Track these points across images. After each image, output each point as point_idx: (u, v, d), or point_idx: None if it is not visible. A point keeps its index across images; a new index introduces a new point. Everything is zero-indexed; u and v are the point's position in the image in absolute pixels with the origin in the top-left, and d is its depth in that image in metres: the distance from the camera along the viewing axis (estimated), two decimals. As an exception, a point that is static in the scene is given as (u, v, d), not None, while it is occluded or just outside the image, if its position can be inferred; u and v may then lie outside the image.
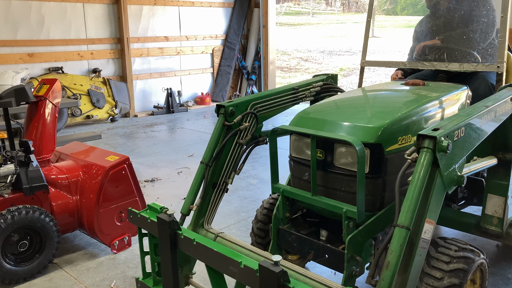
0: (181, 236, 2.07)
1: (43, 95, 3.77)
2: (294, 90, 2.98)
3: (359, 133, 2.15)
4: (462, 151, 1.97)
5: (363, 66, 3.55)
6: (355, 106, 2.64)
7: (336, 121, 2.29)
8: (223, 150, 2.64)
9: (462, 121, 1.95)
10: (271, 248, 2.52)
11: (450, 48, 3.17)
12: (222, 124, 2.65)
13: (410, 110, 2.32)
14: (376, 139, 2.11)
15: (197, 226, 2.62)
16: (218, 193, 2.68)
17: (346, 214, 2.12)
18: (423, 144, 1.76)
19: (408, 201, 1.72)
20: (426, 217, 1.80)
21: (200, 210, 2.62)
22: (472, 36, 3.11)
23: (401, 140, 2.21)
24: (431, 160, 1.75)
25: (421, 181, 1.73)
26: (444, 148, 1.73)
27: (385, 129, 2.14)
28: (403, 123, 2.23)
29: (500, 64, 2.75)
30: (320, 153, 2.28)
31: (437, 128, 1.82)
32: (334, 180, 2.25)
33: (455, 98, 2.73)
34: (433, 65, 3.09)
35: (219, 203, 2.70)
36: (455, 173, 1.92)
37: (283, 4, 31.11)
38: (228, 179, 2.71)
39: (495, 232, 2.55)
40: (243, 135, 2.72)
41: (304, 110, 2.54)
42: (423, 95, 2.65)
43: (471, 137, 2.02)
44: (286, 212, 2.47)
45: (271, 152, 2.44)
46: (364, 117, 2.30)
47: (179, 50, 9.92)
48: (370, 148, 2.11)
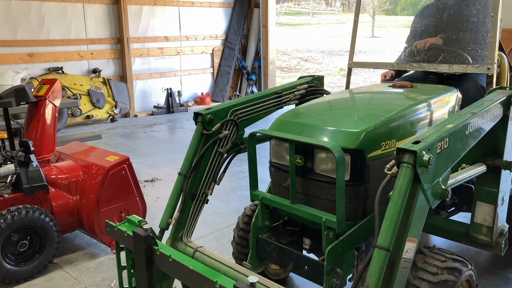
0: (157, 252, 1.99)
1: (43, 95, 3.77)
2: (277, 93, 2.87)
3: (340, 138, 2.05)
4: (446, 163, 1.86)
5: (350, 67, 3.46)
6: (337, 109, 2.56)
7: (316, 125, 2.19)
8: (202, 160, 2.54)
9: (446, 131, 1.84)
10: (250, 259, 2.43)
11: (440, 49, 3.10)
12: (200, 133, 2.55)
13: (395, 113, 2.22)
14: (357, 145, 2.01)
15: (176, 240, 2.53)
16: (198, 204, 2.59)
17: (326, 223, 2.02)
18: (403, 158, 1.65)
19: (387, 220, 1.62)
20: (408, 236, 1.71)
21: (179, 223, 2.53)
22: (461, 36, 3.03)
23: (385, 146, 2.11)
24: (412, 175, 1.65)
25: (401, 198, 1.63)
26: (425, 163, 1.62)
27: (366, 134, 2.04)
28: (386, 128, 2.14)
29: (491, 65, 2.65)
30: (300, 159, 2.18)
31: (418, 141, 1.71)
32: (315, 187, 2.16)
33: (444, 101, 2.64)
34: (422, 67, 2.99)
35: (198, 215, 2.61)
36: (439, 186, 1.81)
37: (283, 4, 31.10)
38: (208, 190, 2.61)
39: (484, 242, 2.43)
40: (223, 144, 2.62)
41: (284, 113, 2.45)
42: (410, 98, 2.57)
43: (456, 148, 1.92)
44: (266, 221, 2.37)
45: (250, 158, 2.34)
46: (346, 121, 2.21)
47: (179, 50, 9.91)
48: (351, 154, 2.01)
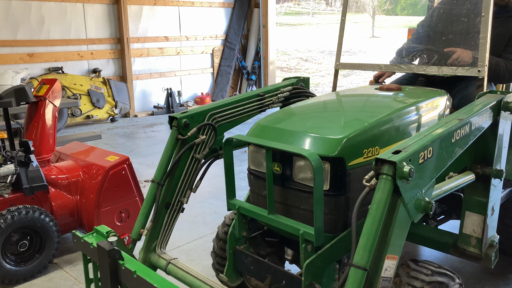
0: (122, 267, 1.89)
1: (43, 95, 3.77)
2: (260, 96, 2.74)
3: (319, 146, 1.94)
4: (430, 174, 1.74)
5: (337, 68, 3.31)
6: (319, 114, 2.44)
7: (295, 131, 2.08)
8: (177, 166, 2.42)
9: (430, 139, 1.72)
10: (227, 271, 2.33)
11: (429, 49, 3.01)
12: (175, 138, 2.43)
13: (379, 119, 2.11)
14: (337, 153, 1.90)
15: (149, 251, 2.42)
16: (173, 214, 2.47)
17: (304, 236, 1.91)
18: (381, 170, 1.54)
19: (365, 237, 1.50)
20: (387, 253, 1.59)
21: (153, 234, 2.42)
22: (451, 37, 2.94)
23: (367, 153, 2.00)
24: (391, 188, 1.53)
25: (380, 212, 1.52)
26: (405, 175, 1.50)
27: (347, 141, 1.93)
28: (369, 134, 2.03)
29: (481, 68, 2.52)
30: (278, 167, 2.07)
31: (398, 150, 1.60)
32: (293, 197, 2.04)
33: (433, 105, 2.53)
34: (410, 68, 2.88)
35: (173, 224, 2.49)
36: (422, 199, 1.70)
37: (283, 4, 31.10)
38: (183, 198, 2.49)
39: (473, 254, 2.31)
40: (200, 149, 2.50)
41: (263, 118, 2.35)
42: (396, 102, 2.47)
43: (441, 157, 1.80)
44: (243, 231, 2.25)
45: (226, 165, 2.21)
46: (326, 127, 2.11)
47: (179, 50, 9.91)
48: (331, 162, 1.90)
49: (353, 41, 23.31)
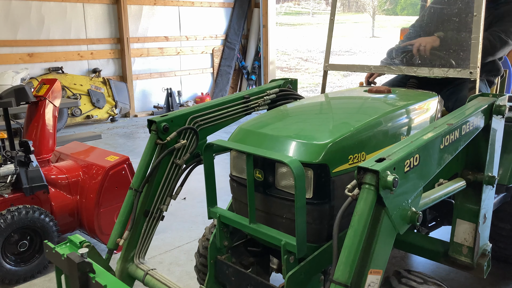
0: (93, 281, 1.79)
1: (43, 95, 3.77)
2: (245, 98, 2.64)
3: (301, 151, 1.85)
4: (416, 183, 1.64)
5: (326, 70, 3.19)
6: (303, 118, 2.32)
7: (278, 136, 1.98)
8: (156, 172, 2.32)
9: (416, 146, 1.62)
10: (207, 282, 2.23)
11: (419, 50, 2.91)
12: (154, 143, 2.32)
13: (366, 123, 2.02)
14: (320, 159, 1.80)
15: (126, 261, 2.33)
16: (152, 222, 2.37)
17: (285, 247, 1.82)
18: (364, 179, 1.44)
19: (346, 250, 1.40)
20: (370, 268, 1.49)
21: (131, 243, 2.32)
22: (443, 37, 2.83)
23: (353, 159, 1.91)
24: (375, 198, 1.44)
25: (362, 224, 1.42)
26: (389, 184, 1.41)
27: (331, 146, 1.83)
28: (355, 139, 1.93)
29: (473, 69, 2.41)
30: (260, 173, 1.97)
31: (382, 158, 1.50)
32: (275, 205, 1.95)
33: (424, 108, 2.43)
34: (401, 70, 2.77)
35: (152, 233, 2.40)
36: (408, 209, 1.60)
37: (283, 4, 31.09)
38: (163, 205, 2.38)
39: (464, 263, 2.22)
40: (180, 154, 2.39)
41: (246, 122, 2.25)
42: (385, 105, 2.37)
43: (428, 165, 1.71)
44: (224, 240, 2.14)
45: (206, 171, 2.11)
46: (310, 132, 2.01)
47: (179, 50, 9.91)
48: (314, 169, 1.81)
49: (353, 41, 23.33)
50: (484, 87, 2.94)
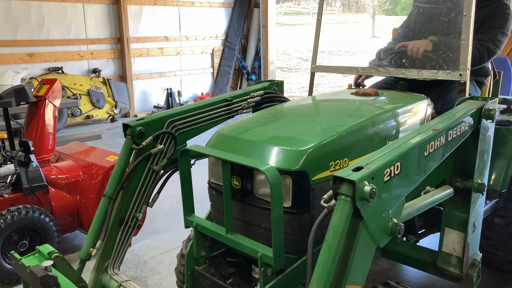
0: None
1: (43, 95, 3.78)
2: (227, 101, 2.55)
3: (280, 158, 1.77)
4: (398, 192, 1.55)
5: (313, 71, 3.10)
6: (285, 122, 2.25)
7: (256, 141, 1.90)
8: (131, 179, 2.22)
9: (398, 153, 1.52)
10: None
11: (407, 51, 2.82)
12: (129, 148, 2.22)
13: (349, 127, 1.93)
14: (299, 166, 1.72)
15: (100, 272, 2.21)
16: (127, 230, 2.27)
17: (262, 259, 1.73)
18: (340, 189, 1.35)
19: (320, 266, 1.31)
20: (347, 284, 1.39)
21: (105, 252, 2.21)
22: (432, 38, 2.75)
23: (334, 166, 1.82)
24: (351, 210, 1.35)
25: (337, 238, 1.33)
26: (365, 195, 1.32)
27: (311, 153, 1.75)
28: (337, 145, 1.84)
29: (463, 71, 2.31)
30: (237, 181, 1.89)
31: (360, 167, 1.41)
32: (254, 214, 1.86)
33: (412, 111, 2.34)
34: (389, 72, 2.67)
35: (128, 242, 2.29)
36: (389, 220, 1.50)
37: (283, 4, 31.10)
38: (139, 213, 2.27)
39: (453, 274, 2.13)
40: (157, 160, 2.29)
41: (226, 126, 2.17)
42: (371, 108, 2.27)
43: (411, 173, 1.61)
44: (202, 250, 2.05)
45: (182, 178, 2.01)
46: (289, 138, 1.93)
47: (179, 50, 9.90)
48: (292, 176, 1.72)
49: (353, 41, 23.34)
50: (473, 89, 2.87)
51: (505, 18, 2.74)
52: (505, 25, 2.73)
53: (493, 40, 2.69)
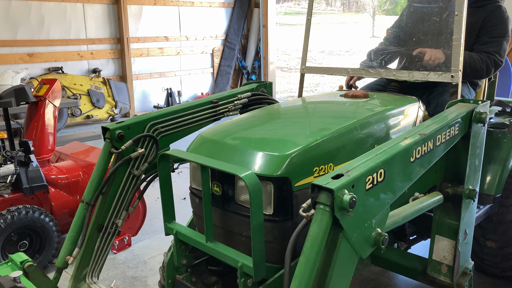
0: None
1: (43, 95, 3.78)
2: (213, 103, 2.47)
3: (261, 164, 1.70)
4: (382, 201, 1.47)
5: (303, 73, 2.99)
6: (270, 125, 2.16)
7: (237, 146, 1.83)
8: (110, 184, 2.15)
9: (381, 160, 1.44)
10: None
11: (399, 52, 2.74)
12: (109, 152, 2.15)
13: (335, 131, 1.86)
14: (281, 172, 1.65)
15: (78, 281, 2.14)
16: (106, 237, 2.19)
17: (242, 269, 1.66)
18: (318, 198, 1.28)
19: (297, 279, 1.25)
20: None
21: (83, 260, 2.13)
22: (422, 38, 2.67)
23: (319, 172, 1.74)
24: (330, 220, 1.27)
25: (315, 250, 1.25)
26: (345, 205, 1.25)
27: (293, 158, 1.68)
28: (321, 149, 1.77)
29: (455, 73, 2.22)
30: (218, 187, 1.82)
31: (340, 174, 1.33)
32: (235, 221, 1.79)
33: (402, 114, 2.26)
34: (379, 73, 2.60)
35: (107, 249, 2.21)
36: (372, 230, 1.42)
37: (283, 4, 31.06)
38: (118, 219, 2.19)
39: (444, 283, 2.05)
40: (138, 164, 2.21)
41: (208, 129, 2.10)
42: (360, 111, 2.19)
43: (396, 180, 1.53)
44: (182, 259, 1.98)
45: (161, 183, 1.94)
46: (272, 142, 1.85)
47: (179, 50, 9.89)
48: (274, 183, 1.66)
49: (353, 41, 23.30)
50: (467, 90, 2.78)
51: (506, 24, 2.70)
52: (507, 32, 2.69)
53: (499, 52, 2.66)
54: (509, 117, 2.76)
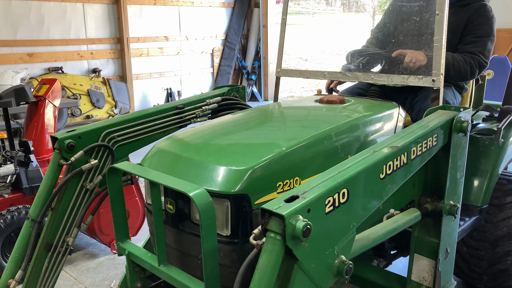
0: None
1: (43, 95, 3.78)
2: (178, 109, 2.31)
3: (217, 179, 1.53)
4: (346, 224, 1.29)
5: (278, 76, 2.82)
6: (232, 135, 1.98)
7: (192, 159, 1.66)
8: (60, 199, 1.97)
9: (344, 178, 1.27)
10: None
11: (378, 54, 2.57)
12: (58, 164, 1.97)
13: (302, 141, 1.69)
14: (239, 188, 1.48)
15: None
16: (56, 257, 2.01)
17: None
18: (268, 225, 1.13)
19: None
20: None
21: (30, 282, 1.96)
22: (402, 39, 2.51)
23: (283, 187, 1.58)
24: (282, 250, 1.11)
25: (264, 285, 1.09)
26: (297, 234, 1.09)
27: (253, 172, 1.51)
28: (286, 162, 1.60)
29: (436, 77, 2.04)
30: (171, 204, 1.66)
31: (295, 196, 1.17)
32: (190, 242, 1.63)
33: (380, 121, 2.10)
34: (357, 77, 2.43)
35: (57, 270, 2.03)
36: (335, 258, 1.26)
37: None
38: (69, 237, 2.01)
39: None
40: (91, 177, 2.03)
41: (165, 139, 1.93)
42: (334, 118, 2.03)
43: (363, 200, 1.36)
44: (137, 282, 1.83)
45: (112, 198, 1.79)
46: (231, 155, 1.69)
47: (179, 50, 9.86)
48: (231, 200, 1.49)
49: (353, 41, 23.28)
50: (451, 95, 2.59)
51: (491, 24, 2.53)
52: (492, 32, 2.53)
53: (483, 52, 2.49)
54: (497, 123, 2.55)
